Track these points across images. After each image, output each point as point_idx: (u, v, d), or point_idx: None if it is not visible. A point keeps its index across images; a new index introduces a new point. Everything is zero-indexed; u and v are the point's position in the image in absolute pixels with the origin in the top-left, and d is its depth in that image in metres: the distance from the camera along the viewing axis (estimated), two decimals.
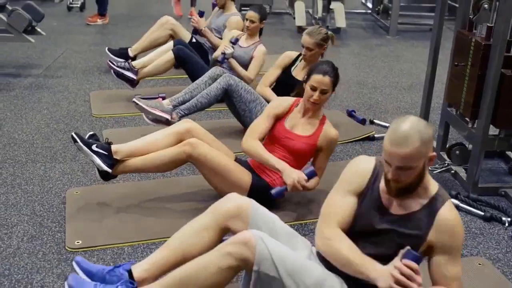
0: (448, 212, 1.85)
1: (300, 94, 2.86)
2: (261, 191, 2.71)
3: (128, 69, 4.25)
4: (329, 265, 1.92)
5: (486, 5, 2.94)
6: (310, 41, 3.46)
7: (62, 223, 2.70)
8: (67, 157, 3.39)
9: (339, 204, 1.91)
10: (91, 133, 2.83)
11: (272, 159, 2.70)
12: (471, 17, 3.13)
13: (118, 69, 4.22)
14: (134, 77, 4.27)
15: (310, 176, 2.62)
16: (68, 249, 2.50)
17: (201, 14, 4.65)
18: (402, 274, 1.69)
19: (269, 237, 1.86)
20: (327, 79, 2.68)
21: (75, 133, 2.71)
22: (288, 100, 2.89)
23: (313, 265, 1.90)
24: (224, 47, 4.13)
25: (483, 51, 2.95)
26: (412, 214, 1.85)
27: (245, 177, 2.74)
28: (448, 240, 1.83)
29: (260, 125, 2.82)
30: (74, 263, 2.07)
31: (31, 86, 4.62)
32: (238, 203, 2.05)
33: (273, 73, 3.73)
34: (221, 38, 4.57)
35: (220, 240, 2.03)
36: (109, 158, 2.70)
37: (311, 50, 3.47)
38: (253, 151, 2.75)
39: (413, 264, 1.71)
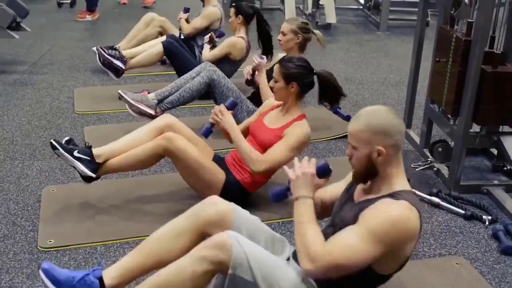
0: (393, 201, 1.70)
1: None
2: (233, 189, 2.70)
3: (117, 58, 4.22)
4: None
5: (466, 1, 2.90)
6: (286, 26, 3.49)
7: (36, 222, 2.67)
8: (46, 154, 3.36)
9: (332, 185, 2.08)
10: (67, 138, 2.74)
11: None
12: (452, 12, 3.10)
13: (107, 56, 4.17)
14: (122, 67, 4.23)
15: (229, 105, 2.70)
16: (40, 248, 2.47)
17: (186, 10, 4.71)
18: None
19: (246, 239, 1.81)
20: (277, 67, 2.73)
21: (54, 140, 2.63)
22: (275, 101, 2.93)
23: (289, 268, 1.86)
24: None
25: (463, 47, 2.91)
26: (364, 202, 1.79)
27: (218, 175, 2.71)
28: (368, 215, 1.68)
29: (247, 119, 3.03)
30: (40, 272, 1.93)
31: (15, 83, 4.59)
32: (220, 210, 1.98)
33: None
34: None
35: (196, 245, 1.93)
36: (91, 162, 2.64)
37: (285, 35, 3.48)
38: None
39: (312, 159, 1.87)
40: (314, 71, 2.75)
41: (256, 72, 3.56)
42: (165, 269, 1.82)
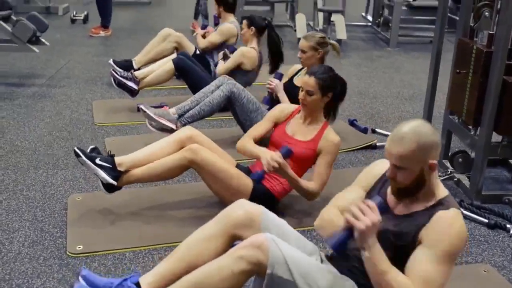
0: (448, 213, 1.73)
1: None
2: (261, 197, 2.71)
3: (130, 79, 4.27)
4: (340, 268, 1.91)
5: (487, 13, 2.96)
6: (304, 43, 3.51)
7: (64, 228, 2.69)
8: (69, 164, 3.39)
9: (346, 193, 2.02)
10: (92, 146, 2.80)
11: (256, 149, 2.76)
12: (472, 25, 3.15)
13: (121, 78, 4.24)
14: (136, 87, 4.28)
15: (285, 153, 2.59)
16: (69, 254, 2.49)
17: (203, 26, 4.78)
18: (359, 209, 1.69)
19: (281, 240, 1.83)
20: (311, 80, 2.72)
21: (77, 147, 2.69)
22: (290, 107, 2.99)
23: (326, 267, 1.89)
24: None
25: (484, 58, 2.95)
26: (413, 214, 1.80)
27: (246, 183, 2.73)
28: (436, 236, 1.70)
29: (257, 127, 2.97)
30: (80, 278, 1.96)
31: (34, 96, 4.64)
32: (248, 211, 1.99)
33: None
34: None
35: (228, 248, 1.96)
36: (113, 170, 2.68)
37: (305, 53, 3.51)
38: (242, 147, 2.86)
39: (371, 203, 1.70)
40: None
41: (275, 94, 3.59)
42: (204, 267, 1.83)
